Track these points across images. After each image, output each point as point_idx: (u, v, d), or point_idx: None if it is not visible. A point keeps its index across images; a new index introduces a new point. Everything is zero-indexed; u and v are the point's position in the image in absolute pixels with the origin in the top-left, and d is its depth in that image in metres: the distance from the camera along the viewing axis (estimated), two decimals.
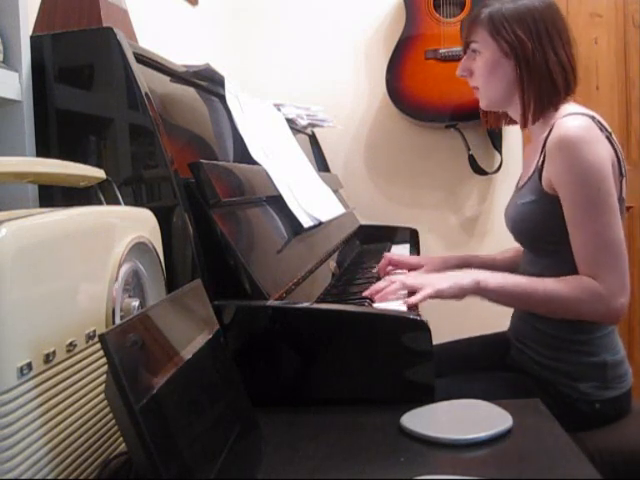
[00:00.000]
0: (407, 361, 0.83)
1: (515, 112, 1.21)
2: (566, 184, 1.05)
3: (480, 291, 1.06)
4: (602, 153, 1.05)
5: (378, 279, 1.33)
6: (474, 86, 1.23)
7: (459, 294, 1.05)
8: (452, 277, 1.06)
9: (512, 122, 1.30)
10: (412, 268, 1.40)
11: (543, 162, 1.11)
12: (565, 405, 1.11)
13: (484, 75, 1.19)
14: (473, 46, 1.19)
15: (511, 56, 1.14)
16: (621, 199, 1.10)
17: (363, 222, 2.13)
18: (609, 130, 1.11)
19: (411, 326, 0.83)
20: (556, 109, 1.16)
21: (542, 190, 1.11)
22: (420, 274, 1.11)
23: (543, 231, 1.13)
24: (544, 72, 1.13)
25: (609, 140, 1.08)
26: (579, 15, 2.30)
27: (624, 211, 1.12)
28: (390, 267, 1.42)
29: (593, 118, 1.09)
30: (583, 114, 1.09)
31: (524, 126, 1.19)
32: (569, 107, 1.15)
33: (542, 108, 1.15)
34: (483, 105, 1.25)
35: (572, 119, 1.07)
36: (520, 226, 1.19)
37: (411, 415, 0.76)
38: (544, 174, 1.10)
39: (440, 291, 1.03)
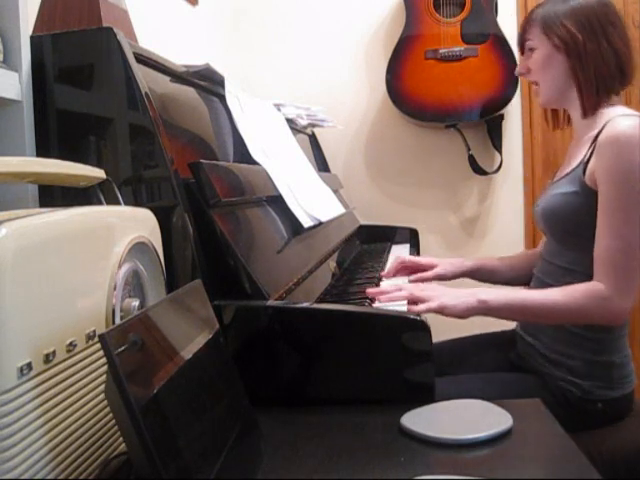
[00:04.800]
0: (407, 361, 0.83)
1: (574, 107, 1.22)
2: (608, 181, 1.06)
3: (485, 311, 1.05)
4: None
5: (379, 279, 1.33)
6: (533, 81, 1.26)
7: (462, 315, 1.04)
8: (458, 296, 1.05)
9: (569, 122, 1.31)
10: (424, 269, 1.37)
11: (589, 157, 1.11)
12: (567, 404, 1.11)
13: (539, 70, 1.22)
14: (528, 44, 1.23)
15: (562, 50, 1.17)
16: None
17: (363, 222, 2.13)
18: None
19: (411, 326, 0.83)
20: (610, 101, 1.16)
21: (584, 183, 1.11)
22: (428, 286, 1.09)
23: (577, 224, 1.13)
24: (598, 61, 1.15)
25: None
26: None
27: None
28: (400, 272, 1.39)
29: None
30: (637, 115, 1.10)
31: (585, 116, 1.20)
32: (621, 108, 1.16)
33: (599, 97, 1.17)
34: (541, 102, 1.27)
35: (627, 119, 1.08)
36: (555, 215, 1.18)
37: (411, 415, 0.76)
38: (589, 168, 1.11)
39: (444, 308, 1.02)
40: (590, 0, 1.17)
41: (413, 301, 1.04)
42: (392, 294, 1.06)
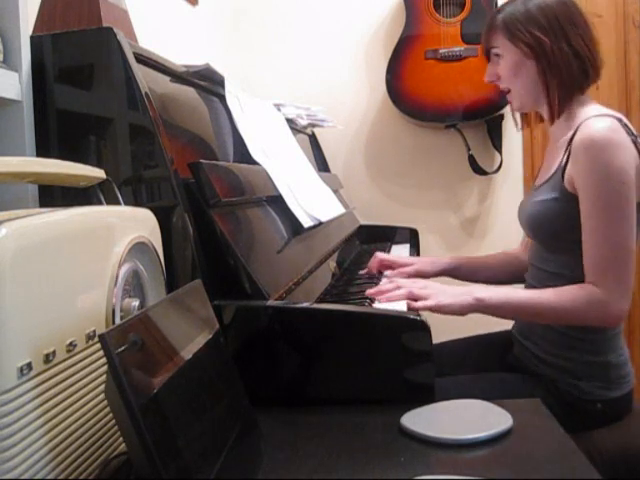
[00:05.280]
0: (407, 361, 0.83)
1: (545, 109, 1.22)
2: (587, 185, 1.06)
3: (482, 308, 1.06)
4: (626, 157, 1.05)
5: (379, 279, 1.33)
6: (504, 88, 1.25)
7: (460, 312, 1.04)
8: (455, 294, 1.05)
9: (541, 120, 1.31)
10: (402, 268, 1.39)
11: (567, 161, 1.11)
12: (566, 404, 1.11)
13: (509, 77, 1.21)
14: (494, 51, 1.23)
15: (531, 55, 1.16)
16: None
17: (363, 222, 2.13)
18: (635, 133, 1.10)
19: (411, 326, 0.83)
20: (580, 101, 1.16)
21: (564, 188, 1.11)
22: (428, 284, 1.09)
23: (562, 228, 1.13)
24: (561, 65, 1.14)
25: (634, 143, 1.08)
26: None
27: None
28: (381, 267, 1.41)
29: (620, 120, 1.09)
30: (610, 115, 1.09)
31: (552, 121, 1.20)
32: (595, 108, 1.15)
33: (564, 101, 1.16)
34: (515, 107, 1.26)
35: (600, 120, 1.07)
36: (538, 222, 1.18)
37: (411, 415, 0.76)
38: (567, 173, 1.11)
39: (441, 306, 1.03)
40: (549, 0, 1.15)
41: (412, 299, 1.04)
42: (391, 293, 1.06)
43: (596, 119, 1.08)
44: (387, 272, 1.38)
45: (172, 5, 1.78)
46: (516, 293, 1.10)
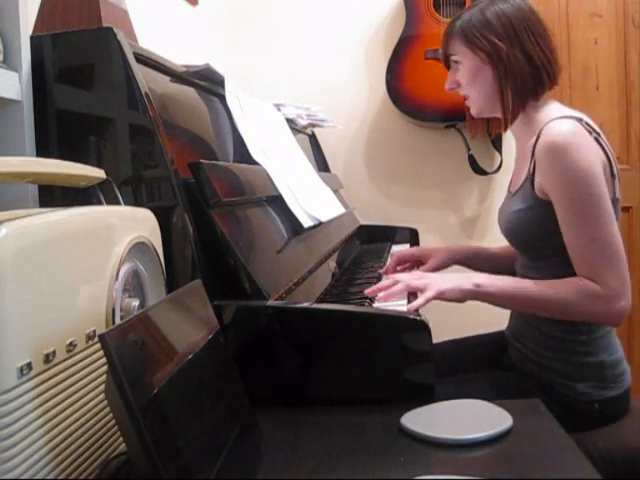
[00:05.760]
0: (407, 361, 0.83)
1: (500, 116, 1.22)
2: (557, 191, 1.06)
3: (480, 295, 1.06)
4: (591, 157, 1.05)
5: (379, 279, 1.33)
6: (464, 95, 1.26)
7: (460, 297, 1.05)
8: (454, 280, 1.06)
9: (497, 128, 1.32)
10: (419, 260, 1.42)
11: (534, 169, 1.11)
12: (564, 405, 1.11)
13: (468, 84, 1.21)
14: (453, 58, 1.23)
15: (488, 61, 1.16)
16: (615, 200, 1.10)
17: (363, 222, 2.13)
18: (598, 131, 1.10)
19: (411, 326, 0.83)
20: (537, 108, 1.17)
21: (535, 196, 1.11)
22: (424, 274, 1.10)
23: (540, 237, 1.13)
24: (515, 71, 1.14)
25: (598, 141, 1.08)
26: (579, 15, 2.30)
27: (619, 211, 1.12)
28: (400, 267, 1.42)
29: (580, 120, 1.09)
30: (570, 117, 1.09)
31: (505, 128, 1.21)
32: (555, 110, 1.15)
33: (517, 107, 1.17)
34: (474, 112, 1.27)
35: (559, 124, 1.07)
36: (516, 233, 1.19)
37: (411, 415, 0.76)
38: (536, 180, 1.11)
39: (442, 293, 1.04)
40: (505, 7, 1.16)
41: (411, 292, 1.04)
42: (389, 290, 1.06)
43: (556, 123, 1.07)
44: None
45: (172, 5, 1.78)
46: (515, 282, 1.10)
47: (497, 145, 2.25)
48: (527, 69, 1.14)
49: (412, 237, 2.05)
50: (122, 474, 0.63)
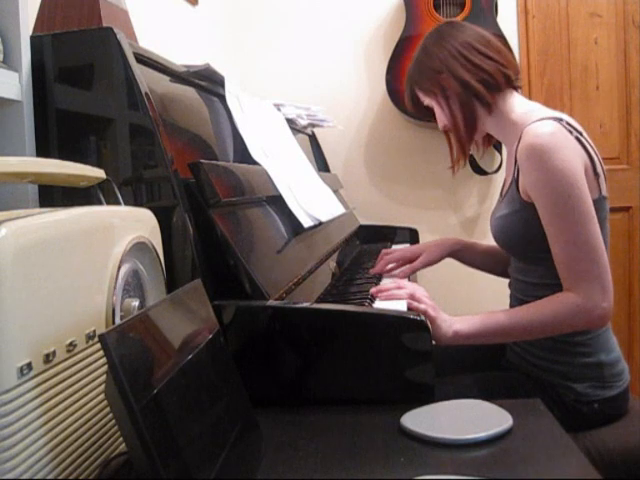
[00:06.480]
0: (407, 361, 0.83)
1: (487, 127, 1.25)
2: (539, 195, 1.06)
3: (461, 340, 1.02)
4: (571, 158, 1.04)
5: (379, 279, 1.33)
6: (447, 129, 1.30)
7: (438, 340, 1.00)
8: (444, 321, 1.01)
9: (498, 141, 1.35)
10: (411, 260, 1.42)
11: (518, 172, 1.11)
12: (564, 406, 1.11)
13: (449, 119, 1.24)
14: (427, 104, 1.28)
15: (441, 95, 1.21)
16: (602, 198, 1.10)
17: (363, 222, 2.13)
18: (579, 130, 1.10)
19: (411, 326, 0.84)
20: (513, 112, 1.18)
21: (521, 200, 1.11)
22: (435, 305, 1.07)
23: (529, 239, 1.13)
24: (464, 94, 1.18)
25: (579, 140, 1.08)
26: (579, 15, 2.30)
27: (607, 209, 1.12)
28: (391, 265, 1.43)
29: (560, 120, 1.08)
30: (550, 118, 1.09)
31: (477, 146, 1.29)
32: (536, 111, 1.15)
33: (474, 123, 1.22)
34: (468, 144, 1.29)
35: (539, 126, 1.07)
36: (506, 238, 1.18)
37: (411, 415, 0.76)
38: (520, 183, 1.11)
39: (431, 322, 0.99)
40: (426, 41, 1.23)
41: (413, 300, 1.04)
42: (392, 291, 1.06)
43: (535, 125, 1.07)
44: (396, 272, 1.42)
45: (172, 5, 1.78)
46: (494, 317, 1.05)
47: (497, 145, 2.24)
48: (475, 84, 1.17)
49: (412, 237, 2.05)
50: (122, 474, 0.63)
